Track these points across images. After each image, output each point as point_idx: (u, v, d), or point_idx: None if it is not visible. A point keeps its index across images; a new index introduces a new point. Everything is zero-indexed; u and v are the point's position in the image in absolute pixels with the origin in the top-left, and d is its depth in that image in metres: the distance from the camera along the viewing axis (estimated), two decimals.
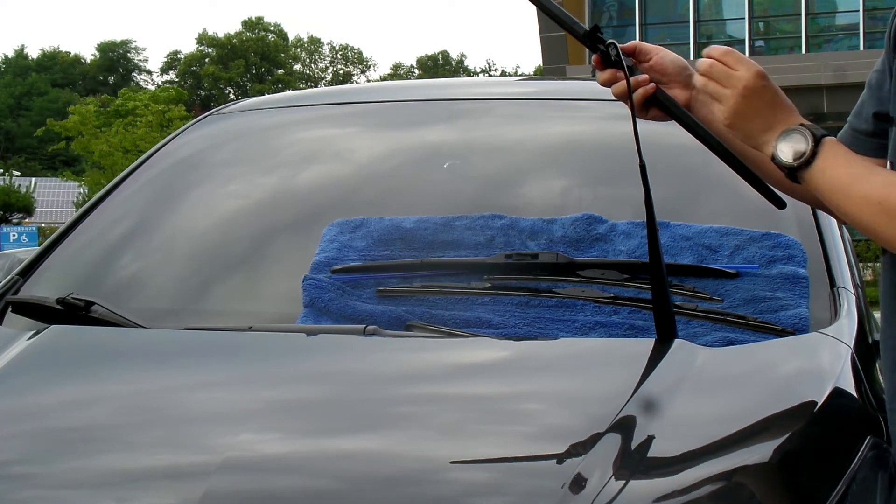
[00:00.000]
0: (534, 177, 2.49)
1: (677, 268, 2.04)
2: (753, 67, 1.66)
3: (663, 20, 28.93)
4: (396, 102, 2.83)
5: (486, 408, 1.69)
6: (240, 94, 71.42)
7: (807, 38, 27.83)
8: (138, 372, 1.86)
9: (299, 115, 2.85)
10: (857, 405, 1.80)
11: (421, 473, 1.51)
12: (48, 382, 1.86)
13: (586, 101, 2.76)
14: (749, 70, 1.66)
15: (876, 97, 1.71)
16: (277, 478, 1.47)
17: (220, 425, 1.64)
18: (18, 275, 2.32)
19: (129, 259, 2.42)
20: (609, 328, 1.94)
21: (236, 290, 2.30)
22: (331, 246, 2.18)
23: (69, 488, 1.50)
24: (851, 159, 1.61)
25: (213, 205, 2.56)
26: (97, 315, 2.03)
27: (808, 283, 2.02)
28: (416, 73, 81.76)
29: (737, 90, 1.66)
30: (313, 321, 1.99)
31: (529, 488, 1.44)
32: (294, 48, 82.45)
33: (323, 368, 1.87)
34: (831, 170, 1.59)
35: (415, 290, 2.05)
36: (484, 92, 2.93)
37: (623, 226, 2.16)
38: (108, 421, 1.68)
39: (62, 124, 34.90)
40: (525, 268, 2.07)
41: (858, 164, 1.60)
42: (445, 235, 2.18)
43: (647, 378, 1.72)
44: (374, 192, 2.46)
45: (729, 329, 1.92)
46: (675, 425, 1.58)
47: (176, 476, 1.50)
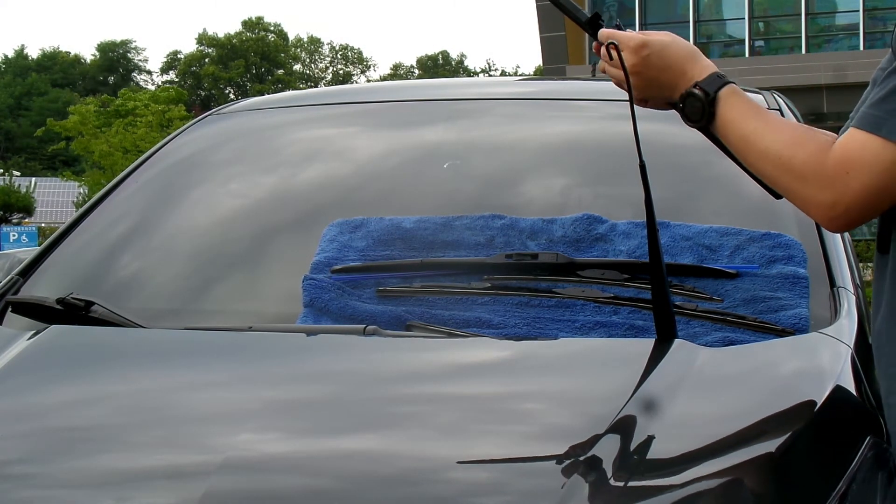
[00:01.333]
0: (534, 177, 2.49)
1: (677, 268, 2.04)
2: (631, 43, 1.74)
3: (663, 20, 28.90)
4: (396, 102, 2.83)
5: (486, 408, 1.69)
6: (240, 94, 71.43)
7: (807, 38, 27.81)
8: (138, 372, 1.86)
9: (299, 115, 2.85)
10: (857, 405, 1.80)
11: (421, 473, 1.51)
12: (48, 382, 1.86)
13: (586, 101, 2.76)
14: (628, 47, 1.74)
15: None
16: (277, 478, 1.47)
17: (220, 425, 1.64)
18: (18, 275, 2.32)
19: (129, 259, 2.42)
20: (609, 328, 1.94)
21: (236, 290, 2.30)
22: (331, 246, 2.18)
23: (69, 488, 1.50)
24: (748, 112, 1.67)
25: (213, 205, 2.56)
26: (97, 315, 2.03)
27: (808, 283, 2.02)
28: (416, 73, 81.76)
29: (629, 71, 1.74)
30: (313, 321, 1.99)
31: (529, 488, 1.44)
32: (294, 48, 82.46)
33: (323, 368, 1.87)
34: (731, 123, 1.68)
35: (415, 290, 2.05)
36: (484, 92, 2.93)
37: (623, 226, 2.16)
38: (108, 421, 1.68)
39: (62, 124, 34.90)
40: (525, 268, 2.07)
41: (755, 116, 1.67)
42: (445, 235, 2.18)
43: (647, 378, 1.72)
44: (375, 192, 2.46)
45: (729, 329, 1.92)
46: (675, 425, 1.58)
47: (176, 476, 1.50)
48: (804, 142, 1.60)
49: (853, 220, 1.58)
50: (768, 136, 1.63)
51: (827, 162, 1.56)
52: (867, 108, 1.56)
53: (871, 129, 1.53)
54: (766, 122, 1.66)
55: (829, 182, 1.55)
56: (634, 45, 1.74)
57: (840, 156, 1.55)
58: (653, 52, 1.73)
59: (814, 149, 1.58)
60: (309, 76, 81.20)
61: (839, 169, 1.55)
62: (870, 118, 1.54)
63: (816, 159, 1.57)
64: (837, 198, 1.55)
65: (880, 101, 1.54)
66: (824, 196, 1.56)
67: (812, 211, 1.61)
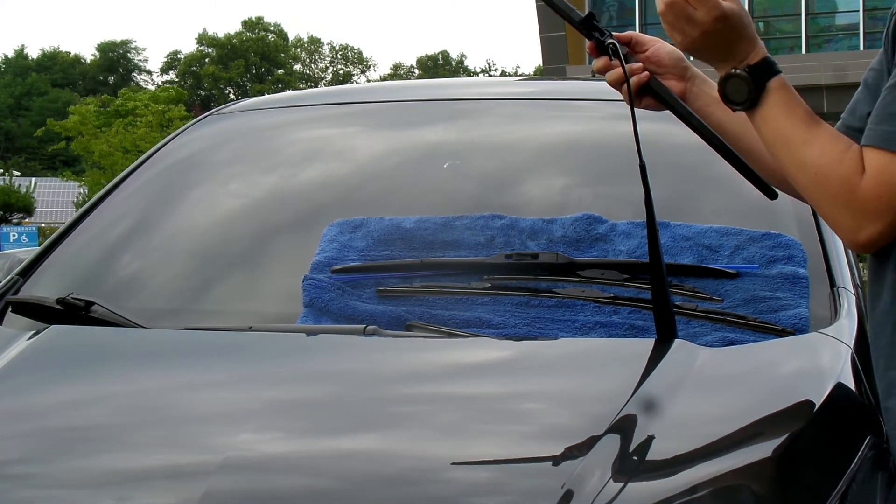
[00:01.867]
0: (534, 177, 2.49)
1: (677, 268, 2.04)
2: (714, 11, 1.64)
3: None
4: (396, 102, 2.83)
5: (486, 408, 1.69)
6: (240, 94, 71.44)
7: (807, 38, 27.81)
8: (138, 372, 1.86)
9: (299, 115, 2.85)
10: (857, 405, 1.80)
11: (421, 473, 1.51)
12: (48, 382, 1.86)
13: (586, 101, 2.76)
14: (709, 14, 1.64)
15: (872, 97, 1.71)
16: (277, 478, 1.47)
17: (220, 425, 1.64)
18: (18, 275, 2.32)
19: (129, 259, 2.42)
20: (609, 328, 1.94)
21: (236, 290, 2.30)
22: (331, 246, 2.18)
23: (69, 488, 1.50)
24: (793, 113, 1.62)
25: (212, 205, 2.56)
26: (97, 315, 2.03)
27: (808, 283, 2.02)
28: (416, 73, 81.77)
29: (693, 31, 1.65)
30: (313, 321, 1.99)
31: (529, 488, 1.44)
32: (294, 48, 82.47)
33: (323, 368, 1.87)
34: (774, 121, 1.62)
35: (415, 290, 2.05)
36: (484, 92, 2.93)
37: (623, 226, 2.16)
38: (108, 421, 1.68)
39: (62, 124, 34.92)
40: (525, 268, 2.07)
41: (800, 121, 1.62)
42: (445, 235, 2.18)
43: (647, 378, 1.72)
44: (374, 192, 2.46)
45: (729, 329, 1.92)
46: (675, 425, 1.58)
47: (176, 476, 1.50)
48: (842, 160, 1.57)
49: (878, 244, 1.58)
50: (809, 149, 1.59)
51: (859, 187, 1.54)
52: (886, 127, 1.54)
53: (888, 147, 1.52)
54: (809, 128, 1.61)
55: (860, 209, 1.54)
56: (716, 15, 1.63)
57: (873, 184, 1.54)
58: (730, 27, 1.64)
59: (848, 170, 1.56)
60: (309, 76, 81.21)
61: (871, 196, 1.53)
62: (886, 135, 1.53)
63: (850, 183, 1.55)
64: (867, 223, 1.55)
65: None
66: (854, 222, 1.56)
67: (840, 233, 1.61)
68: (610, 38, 1.79)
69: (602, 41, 1.79)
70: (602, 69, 1.81)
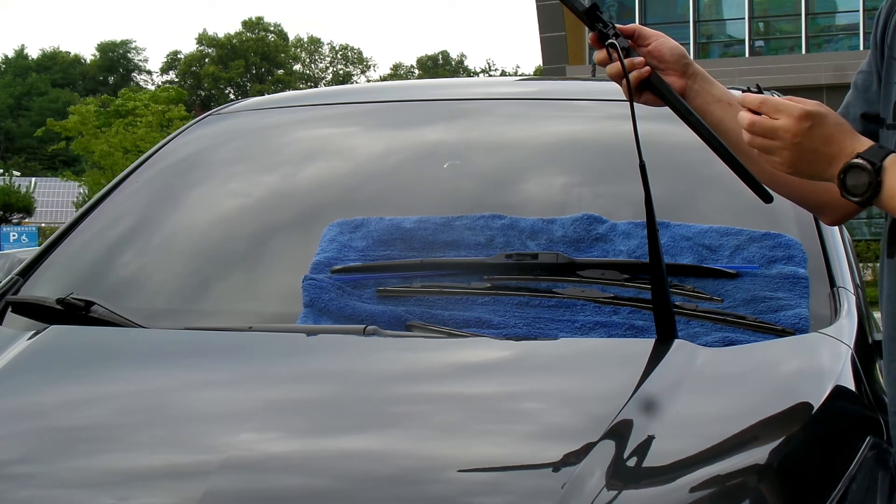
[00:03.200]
0: (534, 177, 2.49)
1: (677, 268, 2.04)
2: (795, 111, 1.58)
3: (663, 20, 28.90)
4: (397, 102, 2.83)
5: (486, 408, 1.69)
6: (240, 94, 71.43)
7: (807, 38, 27.82)
8: (138, 372, 1.86)
9: (299, 115, 2.85)
10: (857, 405, 1.80)
11: (421, 473, 1.51)
12: (48, 382, 1.86)
13: (586, 101, 2.76)
14: (791, 116, 1.58)
15: (863, 98, 1.71)
16: (277, 477, 1.47)
17: (220, 425, 1.64)
18: (18, 275, 2.32)
19: (129, 259, 2.42)
20: (609, 328, 1.94)
21: (236, 290, 2.30)
22: (331, 246, 2.18)
23: (69, 488, 1.50)
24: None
25: (212, 205, 2.56)
26: (97, 315, 2.03)
27: (808, 283, 2.02)
28: (416, 73, 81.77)
29: (786, 141, 1.58)
30: (313, 321, 1.99)
31: (529, 488, 1.44)
32: (294, 48, 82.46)
33: (323, 368, 1.87)
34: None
35: (415, 290, 2.05)
36: (484, 92, 2.93)
37: (623, 226, 2.16)
38: (108, 421, 1.68)
39: (62, 124, 34.92)
40: (525, 268, 2.07)
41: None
42: (445, 235, 2.18)
43: (647, 378, 1.72)
44: (375, 192, 2.46)
45: (729, 329, 1.92)
46: (675, 425, 1.58)
47: (176, 476, 1.50)
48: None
49: None
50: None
51: None
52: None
53: None
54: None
55: None
56: (798, 114, 1.57)
57: None
58: (820, 123, 1.58)
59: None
60: (309, 76, 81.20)
61: None
62: None
63: None
64: None
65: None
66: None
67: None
68: (612, 31, 1.78)
69: (605, 33, 1.78)
70: (603, 61, 1.80)
